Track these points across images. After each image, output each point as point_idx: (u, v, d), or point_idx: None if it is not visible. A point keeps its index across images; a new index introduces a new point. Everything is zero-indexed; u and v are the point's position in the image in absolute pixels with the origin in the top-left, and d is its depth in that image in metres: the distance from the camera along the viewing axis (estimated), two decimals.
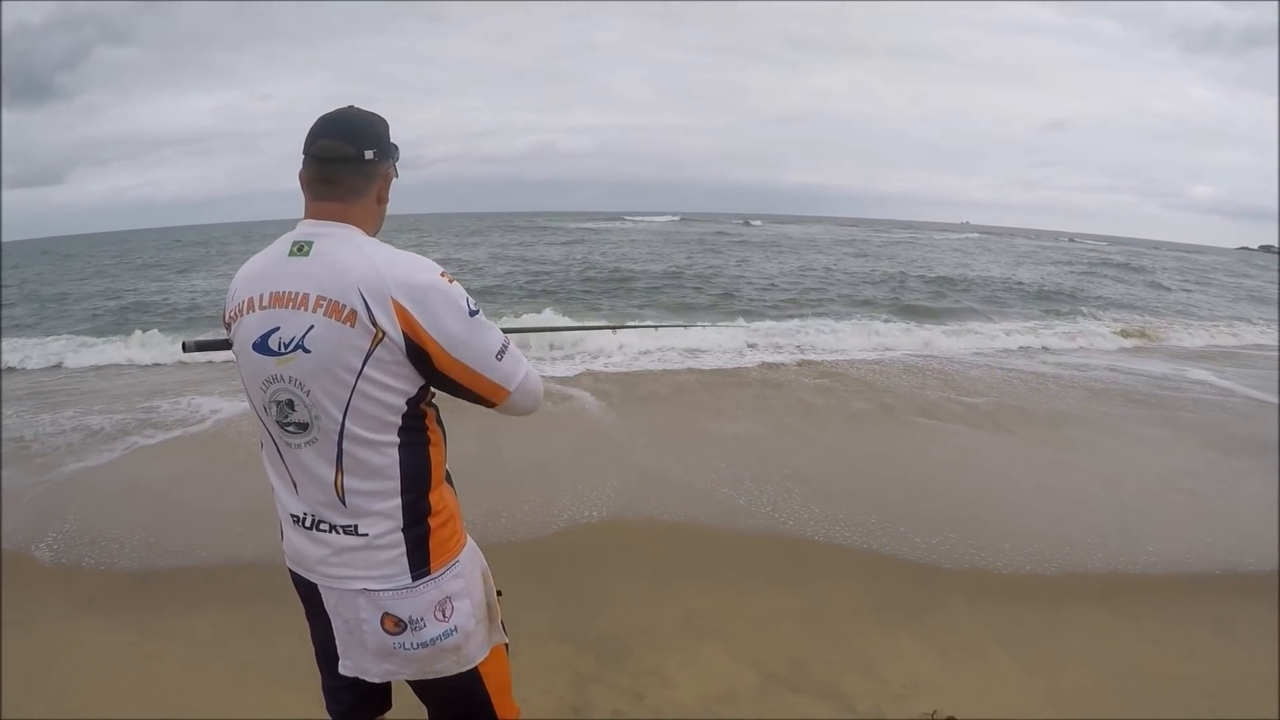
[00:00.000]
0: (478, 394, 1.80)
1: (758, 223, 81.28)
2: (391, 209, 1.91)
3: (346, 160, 1.75)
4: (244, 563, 4.72)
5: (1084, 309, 20.64)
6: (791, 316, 17.25)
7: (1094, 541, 5.59)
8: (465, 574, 1.91)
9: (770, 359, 12.26)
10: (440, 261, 1.79)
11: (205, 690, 3.59)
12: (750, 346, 13.12)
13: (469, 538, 1.98)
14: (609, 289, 22.26)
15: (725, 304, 19.73)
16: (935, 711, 3.41)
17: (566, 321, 14.67)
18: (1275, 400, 10.48)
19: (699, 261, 31.45)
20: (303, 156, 1.79)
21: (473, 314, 1.71)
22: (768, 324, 15.62)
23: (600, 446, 7.42)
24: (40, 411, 8.90)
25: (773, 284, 24.01)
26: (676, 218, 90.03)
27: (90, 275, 31.73)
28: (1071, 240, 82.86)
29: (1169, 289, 29.15)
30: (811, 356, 12.62)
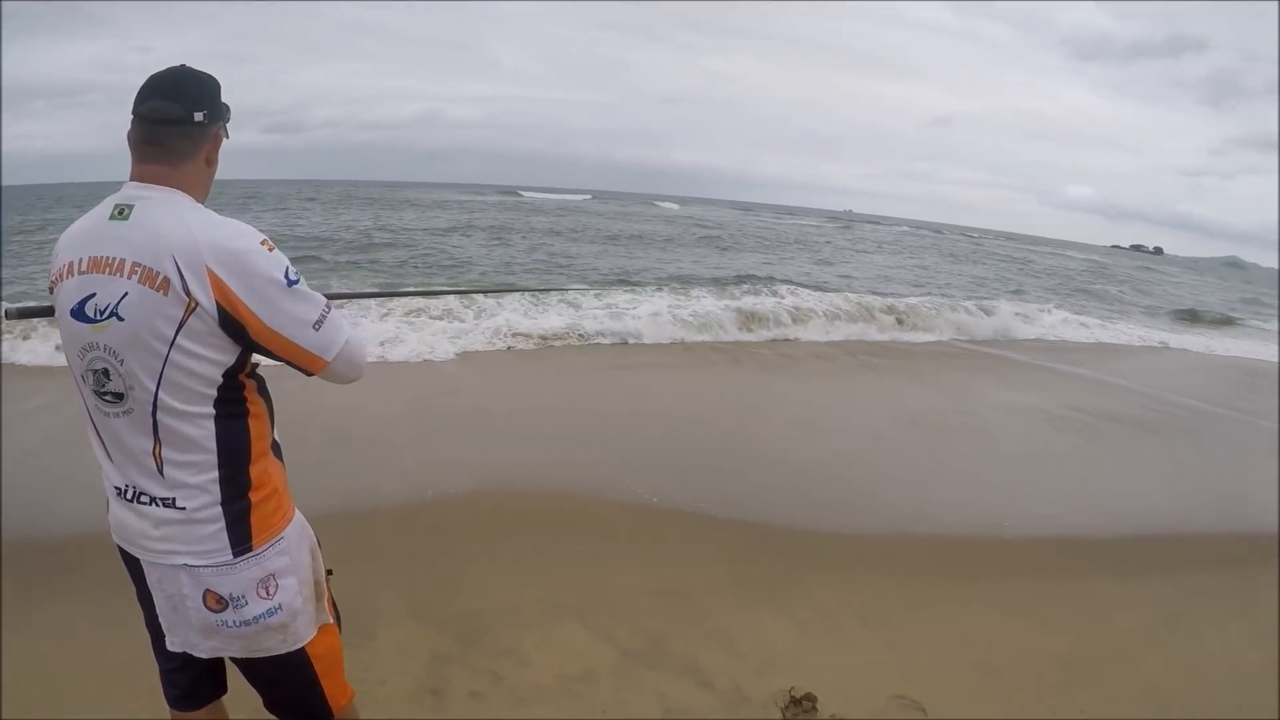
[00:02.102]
0: (295, 363, 1.75)
1: (672, 206, 76.74)
2: (272, 173, 1.75)
3: (176, 122, 1.70)
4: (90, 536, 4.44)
5: None
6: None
7: (951, 513, 5.79)
8: (290, 550, 1.87)
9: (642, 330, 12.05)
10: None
11: (50, 680, 3.37)
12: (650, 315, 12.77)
13: (297, 512, 1.94)
14: None
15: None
16: (793, 688, 3.39)
17: None
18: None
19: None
20: (131, 116, 1.72)
21: (291, 283, 1.67)
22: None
23: (466, 417, 7.25)
24: None
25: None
26: (588, 196, 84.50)
27: None
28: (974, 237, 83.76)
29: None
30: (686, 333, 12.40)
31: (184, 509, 1.72)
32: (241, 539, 1.77)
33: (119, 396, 1.66)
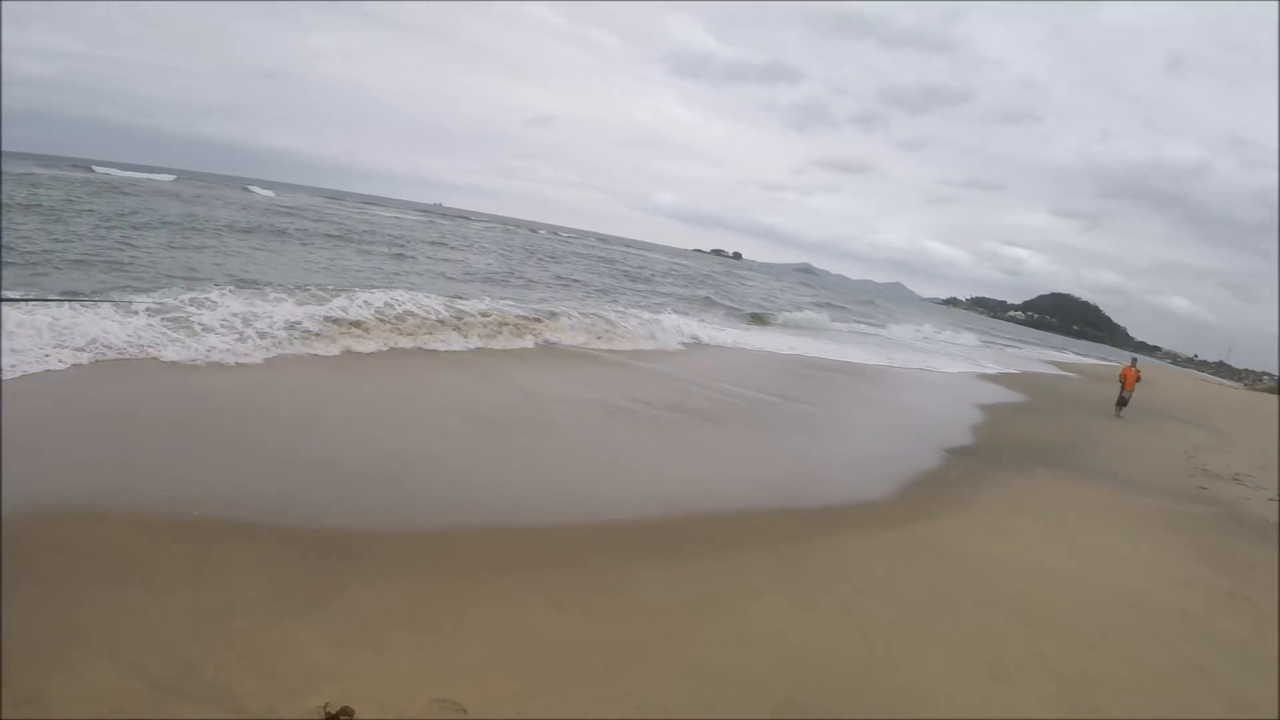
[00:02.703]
0: None
1: (266, 192, 65.42)
2: None
3: None
4: None
5: None
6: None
7: (506, 506, 6.13)
8: None
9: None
10: None
11: None
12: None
13: None
14: None
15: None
16: (328, 704, 3.38)
17: None
18: None
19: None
20: None
21: None
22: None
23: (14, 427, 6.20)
24: None
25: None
26: (173, 176, 66.52)
27: None
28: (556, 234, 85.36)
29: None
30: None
31: None
32: None
33: None
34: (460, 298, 16.47)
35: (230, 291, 12.01)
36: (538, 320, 15.74)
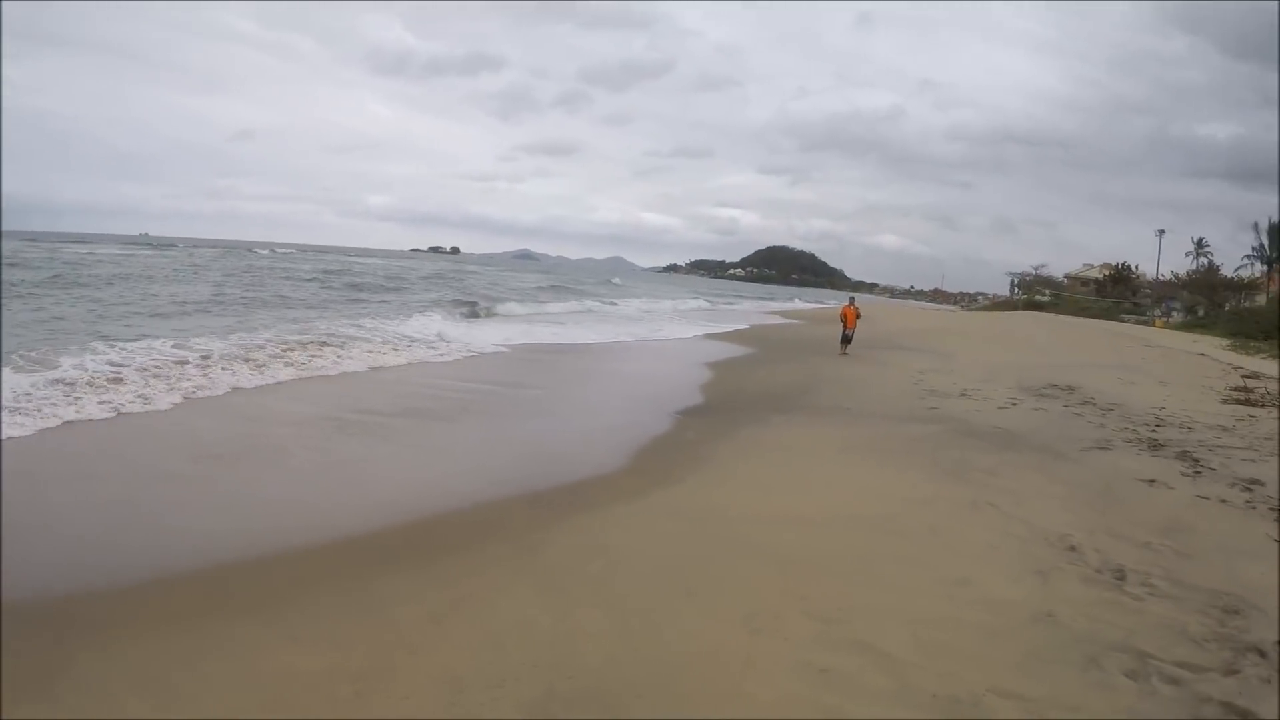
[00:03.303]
0: None
1: None
2: None
3: None
4: None
5: None
6: None
7: (231, 540, 5.79)
8: None
9: None
10: None
11: None
12: None
13: None
14: None
15: None
16: None
17: None
18: None
19: None
20: None
21: None
22: None
23: None
24: None
25: None
26: None
27: None
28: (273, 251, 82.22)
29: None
30: None
31: None
32: None
33: None
34: (190, 335, 15.25)
35: None
36: (261, 348, 14.68)
